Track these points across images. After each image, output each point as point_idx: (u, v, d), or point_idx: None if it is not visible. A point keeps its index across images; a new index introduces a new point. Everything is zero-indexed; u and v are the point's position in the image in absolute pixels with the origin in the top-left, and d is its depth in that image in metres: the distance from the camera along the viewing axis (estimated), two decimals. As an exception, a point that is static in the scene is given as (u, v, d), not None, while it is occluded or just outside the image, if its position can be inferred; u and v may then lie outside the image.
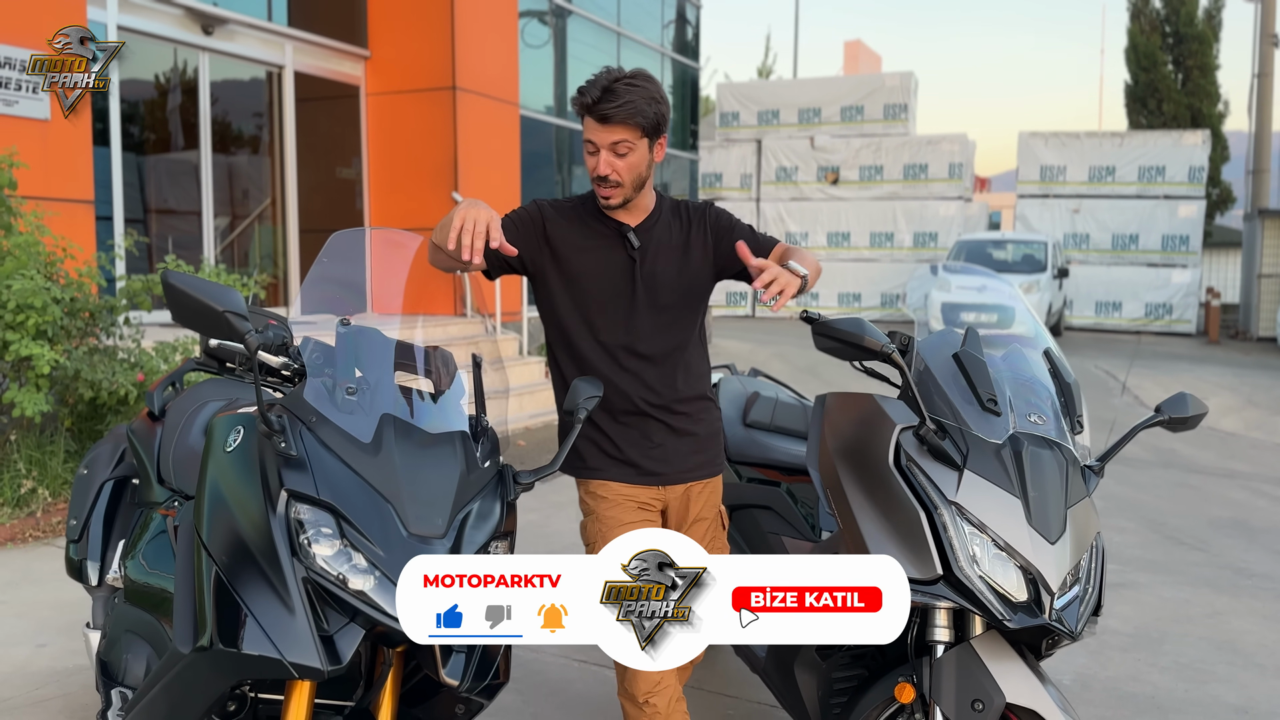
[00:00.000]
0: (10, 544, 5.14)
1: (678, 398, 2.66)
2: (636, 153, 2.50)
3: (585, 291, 2.60)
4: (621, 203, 2.56)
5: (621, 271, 2.59)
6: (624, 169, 2.50)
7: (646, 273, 2.60)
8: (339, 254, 2.48)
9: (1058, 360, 2.68)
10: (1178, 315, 19.50)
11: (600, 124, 2.46)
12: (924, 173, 20.70)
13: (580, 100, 2.47)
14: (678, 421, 2.66)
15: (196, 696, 1.97)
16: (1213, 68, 24.28)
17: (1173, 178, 19.57)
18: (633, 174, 2.52)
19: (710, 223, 2.69)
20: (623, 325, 2.60)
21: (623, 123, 2.44)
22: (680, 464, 2.68)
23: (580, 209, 2.65)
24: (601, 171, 2.49)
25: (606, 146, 2.47)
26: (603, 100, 2.43)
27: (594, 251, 2.60)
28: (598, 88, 2.44)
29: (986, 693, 2.32)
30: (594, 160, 2.50)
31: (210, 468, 2.11)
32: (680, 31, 15.35)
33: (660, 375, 2.63)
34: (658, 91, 2.51)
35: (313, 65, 9.89)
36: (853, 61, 30.66)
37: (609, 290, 2.60)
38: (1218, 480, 7.68)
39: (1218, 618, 4.60)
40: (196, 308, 1.93)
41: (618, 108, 2.42)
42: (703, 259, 2.66)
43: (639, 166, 2.52)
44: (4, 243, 5.28)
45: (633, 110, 2.44)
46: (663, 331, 2.63)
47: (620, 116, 2.43)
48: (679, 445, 2.67)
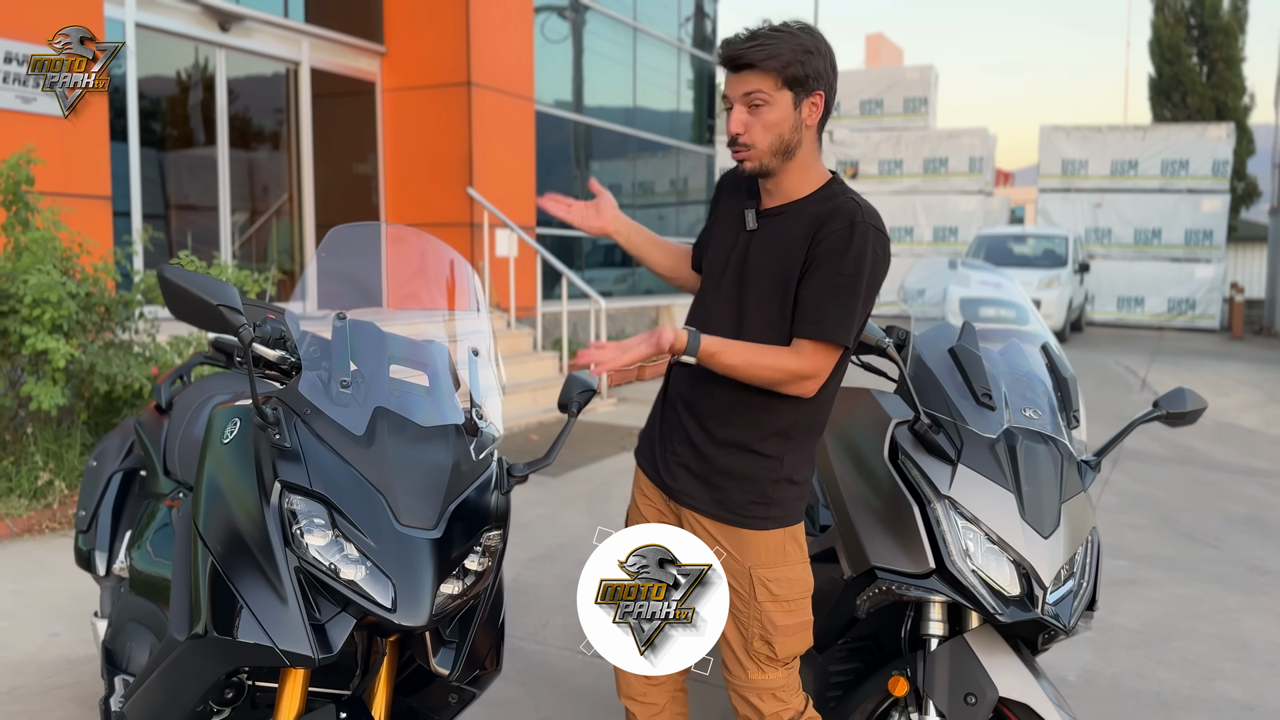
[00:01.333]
0: (27, 535, 5.21)
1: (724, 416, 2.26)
2: (775, 108, 2.13)
3: (707, 260, 2.38)
4: (758, 169, 2.19)
5: (728, 250, 2.30)
6: (758, 129, 2.14)
7: (747, 261, 2.25)
8: (337, 249, 2.50)
9: (1055, 355, 2.68)
10: (1201, 311, 19.34)
11: (734, 72, 2.15)
12: (944, 167, 20.63)
13: (718, 52, 2.18)
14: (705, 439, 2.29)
15: (192, 683, 2.00)
16: (1238, 60, 24.02)
17: (1196, 171, 19.40)
18: (770, 135, 2.15)
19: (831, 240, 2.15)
20: (707, 304, 2.33)
21: (757, 68, 2.10)
22: (683, 484, 2.33)
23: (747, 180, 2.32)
24: (732, 130, 2.17)
25: (739, 99, 2.15)
26: (728, 45, 2.14)
27: (726, 220, 2.35)
28: (736, 39, 2.15)
29: (979, 686, 2.33)
30: (728, 118, 2.19)
31: (208, 459, 2.14)
32: (698, 26, 15.32)
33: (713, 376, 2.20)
34: (816, 45, 2.13)
35: (329, 61, 9.95)
36: (874, 55, 30.53)
37: (714, 266, 2.33)
38: (1235, 477, 7.61)
39: (1228, 615, 4.57)
40: (191, 302, 1.96)
41: (753, 48, 2.10)
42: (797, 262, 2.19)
43: (779, 126, 2.14)
44: (21, 238, 5.35)
45: (770, 54, 2.09)
46: (737, 323, 2.24)
47: (753, 60, 2.10)
48: (692, 464, 2.31)
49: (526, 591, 4.58)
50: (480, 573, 2.08)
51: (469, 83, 9.95)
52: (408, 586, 1.90)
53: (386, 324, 2.34)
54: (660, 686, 2.48)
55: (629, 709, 2.51)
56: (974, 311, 2.95)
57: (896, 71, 22.26)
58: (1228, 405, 10.68)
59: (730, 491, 2.26)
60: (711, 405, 2.27)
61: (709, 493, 2.29)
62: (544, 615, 4.25)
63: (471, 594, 2.07)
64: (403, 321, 2.47)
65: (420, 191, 10.27)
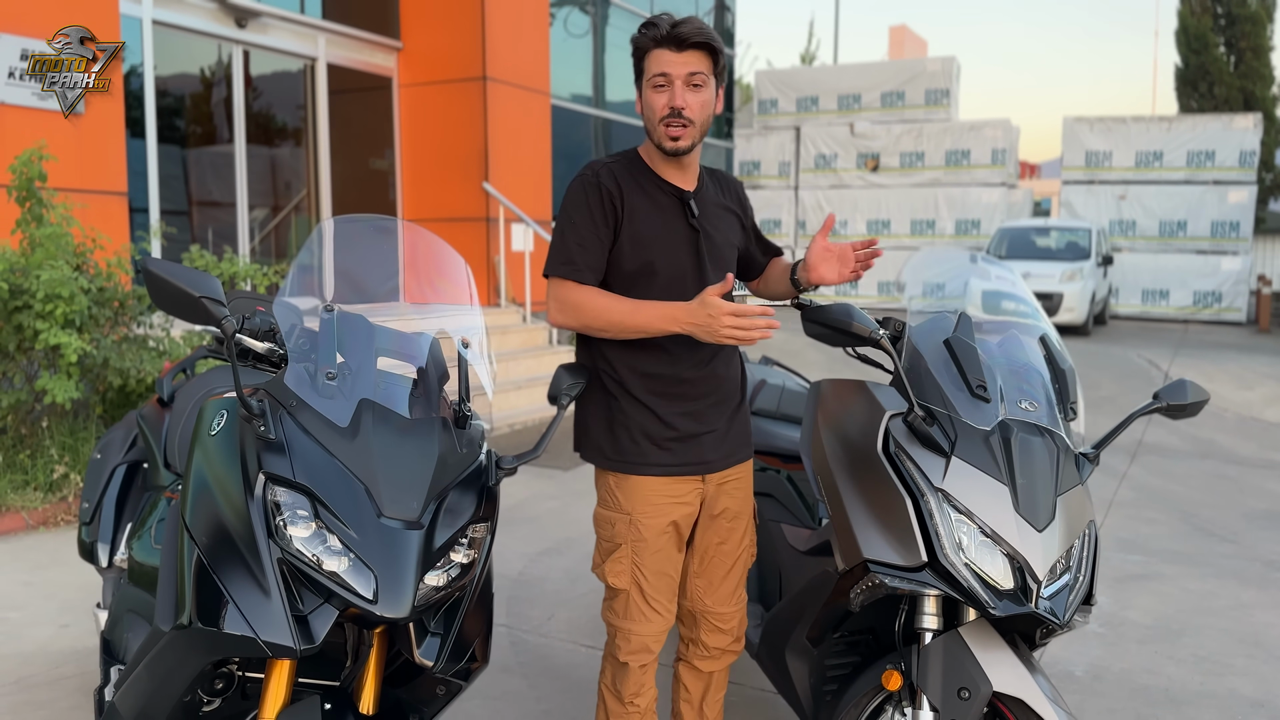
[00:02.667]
0: (42, 527, 5.27)
1: (728, 374, 2.56)
2: (708, 90, 2.35)
3: (648, 263, 2.41)
4: (689, 146, 2.37)
5: (686, 245, 2.45)
6: (697, 105, 2.34)
7: (708, 244, 2.47)
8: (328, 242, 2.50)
9: (1054, 346, 2.64)
10: (1227, 303, 19.07)
11: (676, 50, 2.30)
12: (966, 159, 20.44)
13: (648, 33, 2.32)
14: (725, 400, 2.55)
15: (177, 674, 2.01)
16: (1266, 49, 23.66)
17: (1223, 162, 19.12)
18: (703, 114, 2.37)
19: (740, 193, 2.66)
20: (685, 288, 2.42)
21: (700, 48, 2.30)
22: (724, 448, 2.55)
23: (633, 170, 2.45)
24: (676, 103, 2.31)
25: (682, 78, 2.31)
26: (679, 25, 2.30)
27: (653, 218, 2.42)
28: (666, 20, 2.31)
29: (973, 681, 2.30)
30: (664, 95, 2.33)
31: (195, 451, 2.15)
32: (719, 19, 15.27)
33: (720, 351, 2.51)
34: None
35: (345, 57, 9.99)
36: (898, 47, 30.31)
37: (673, 260, 2.43)
38: (1257, 471, 7.51)
39: (1242, 610, 4.51)
40: (174, 294, 1.96)
41: (696, 29, 2.29)
42: (739, 227, 2.61)
43: (709, 107, 2.38)
44: (36, 234, 5.40)
45: (711, 34, 2.31)
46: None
47: (698, 39, 2.29)
48: (726, 424, 2.55)
49: (533, 584, 4.58)
50: (466, 565, 2.08)
51: (484, 77, 9.96)
52: (389, 578, 1.90)
53: (376, 316, 2.34)
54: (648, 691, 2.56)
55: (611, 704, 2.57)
56: (996, 304, 2.92)
57: (918, 63, 22.03)
58: (1252, 399, 10.54)
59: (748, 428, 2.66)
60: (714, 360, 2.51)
61: (740, 439, 2.62)
62: (549, 608, 4.25)
63: (457, 586, 2.07)
64: (392, 314, 2.47)
65: (436, 186, 10.30)
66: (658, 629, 2.49)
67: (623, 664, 2.51)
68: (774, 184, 21.51)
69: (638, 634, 2.48)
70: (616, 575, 2.47)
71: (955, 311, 2.62)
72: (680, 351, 2.43)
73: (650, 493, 2.45)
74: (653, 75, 2.33)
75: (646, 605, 2.47)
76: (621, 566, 2.47)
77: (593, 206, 2.38)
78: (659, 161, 2.45)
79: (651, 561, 2.45)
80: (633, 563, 2.45)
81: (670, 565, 2.49)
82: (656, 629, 2.49)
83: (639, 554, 2.45)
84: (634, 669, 2.50)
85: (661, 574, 2.48)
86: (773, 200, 21.45)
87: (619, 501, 2.48)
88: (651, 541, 2.45)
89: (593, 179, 2.40)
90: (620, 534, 2.48)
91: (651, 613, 2.47)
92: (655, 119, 2.36)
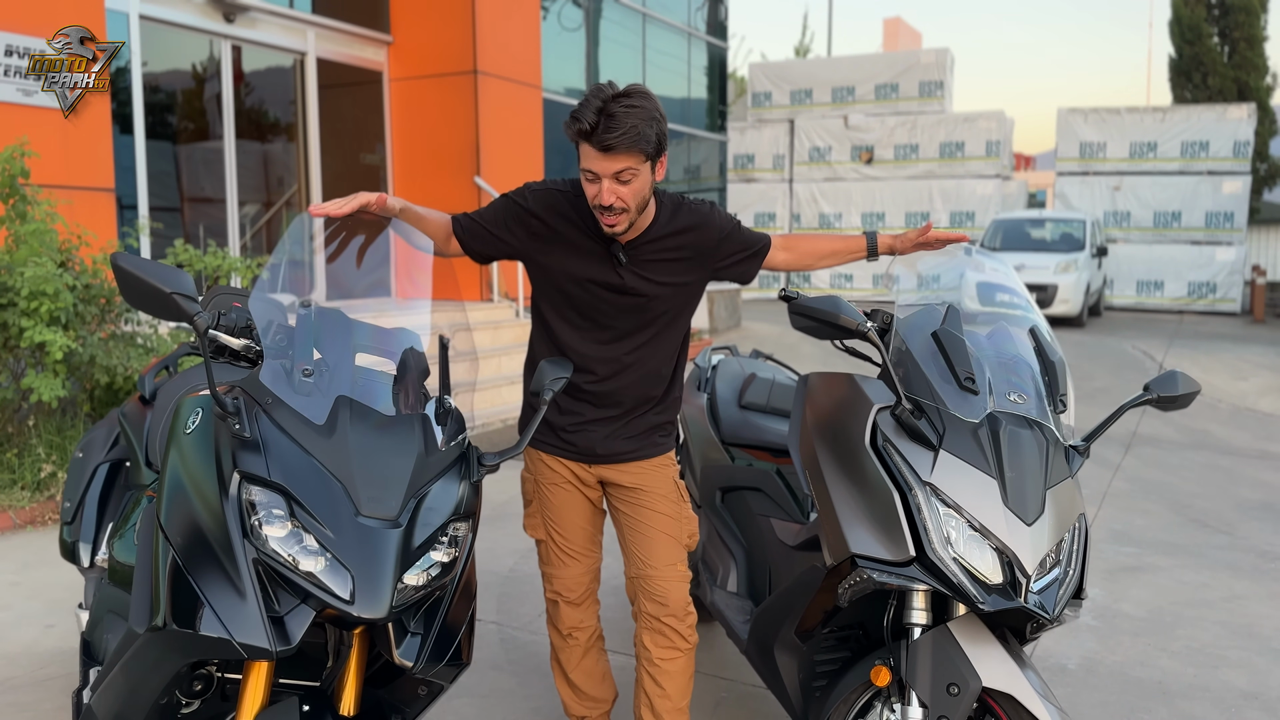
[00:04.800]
0: (30, 526, 5.23)
1: (635, 395, 2.71)
2: (640, 178, 2.40)
3: (564, 289, 2.62)
4: (626, 228, 2.48)
5: (604, 281, 2.59)
6: (629, 195, 2.40)
7: (633, 281, 2.58)
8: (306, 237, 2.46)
9: (1043, 338, 2.61)
10: (1222, 294, 19.08)
11: (602, 153, 2.34)
12: (960, 151, 20.42)
13: (575, 126, 2.34)
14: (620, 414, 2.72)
15: (152, 676, 1.98)
16: (1260, 39, 23.60)
17: (1217, 153, 19.12)
18: (638, 199, 2.43)
19: (707, 229, 2.66)
20: (597, 324, 2.64)
21: (626, 151, 2.33)
22: (613, 448, 2.74)
23: (573, 205, 2.57)
24: (605, 201, 2.39)
25: (609, 176, 2.37)
26: (601, 128, 2.30)
27: (577, 254, 2.59)
28: (592, 111, 2.31)
29: (962, 676, 2.27)
30: (595, 188, 2.40)
31: (171, 449, 2.11)
32: (711, 12, 15.21)
33: (626, 375, 2.68)
34: (656, 109, 2.38)
35: (335, 51, 9.93)
36: (892, 39, 30.21)
37: (588, 295, 2.61)
38: (1251, 462, 7.50)
39: (1236, 602, 4.49)
40: (145, 290, 1.92)
41: (620, 136, 2.30)
42: (694, 268, 2.67)
43: (643, 190, 2.43)
44: (20, 231, 5.35)
45: (636, 137, 2.31)
46: (640, 334, 2.66)
47: (623, 145, 2.31)
48: (614, 433, 2.73)
49: (523, 581, 4.55)
50: (447, 563, 2.05)
51: (475, 71, 9.91)
52: (366, 578, 1.87)
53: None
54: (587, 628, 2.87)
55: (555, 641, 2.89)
56: (991, 297, 2.89)
57: (912, 55, 21.97)
58: (1246, 389, 10.53)
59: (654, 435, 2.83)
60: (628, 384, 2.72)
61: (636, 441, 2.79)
62: (539, 605, 4.22)
63: (438, 585, 2.04)
64: (371, 310, 2.43)
65: (428, 181, 10.25)
66: (574, 573, 2.81)
67: (552, 601, 2.85)
68: (768, 177, 21.47)
69: (558, 577, 2.81)
70: (533, 528, 2.85)
71: (943, 304, 2.59)
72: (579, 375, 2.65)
73: (546, 464, 2.79)
74: (583, 167, 2.41)
75: (561, 552, 2.80)
76: (535, 520, 2.84)
77: (502, 212, 2.63)
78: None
79: (556, 515, 2.79)
80: (543, 517, 2.81)
81: (579, 518, 2.80)
82: (573, 573, 2.81)
83: (546, 509, 2.81)
84: (563, 605, 2.82)
85: (572, 525, 2.79)
86: (767, 194, 21.42)
87: (529, 465, 2.84)
88: (552, 498, 2.78)
89: (519, 198, 2.62)
90: (529, 492, 2.85)
91: (567, 558, 2.80)
92: (590, 204, 2.47)
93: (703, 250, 2.65)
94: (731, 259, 2.72)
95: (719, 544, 3.51)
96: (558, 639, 2.88)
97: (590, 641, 2.87)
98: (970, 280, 2.89)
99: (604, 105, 2.31)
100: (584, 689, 2.89)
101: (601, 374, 2.67)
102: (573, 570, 2.81)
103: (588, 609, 2.87)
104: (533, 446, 2.78)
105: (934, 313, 2.57)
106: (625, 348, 2.66)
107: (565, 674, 2.90)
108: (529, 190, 2.62)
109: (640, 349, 2.67)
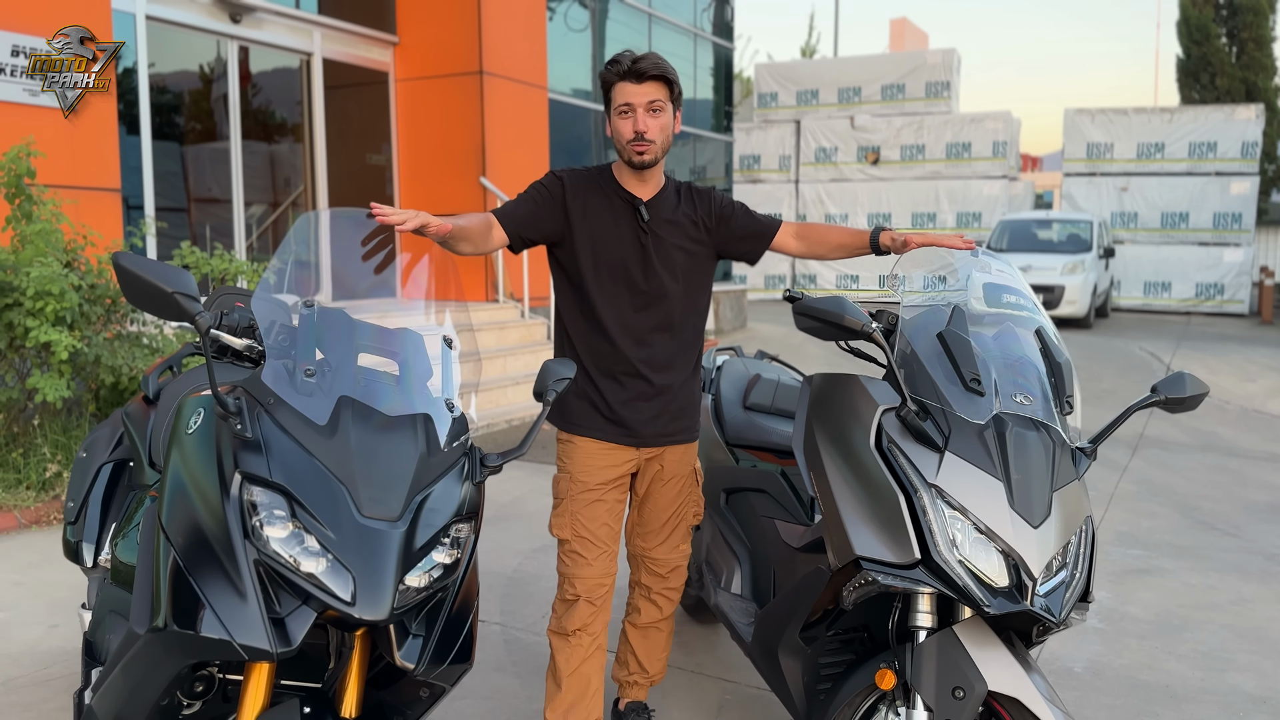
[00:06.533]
0: (35, 526, 5.24)
1: (671, 364, 2.90)
2: (666, 114, 2.75)
3: (598, 255, 2.81)
4: (653, 161, 2.76)
5: (633, 241, 2.82)
6: (657, 128, 2.74)
7: (654, 243, 2.83)
8: (309, 236, 2.45)
9: (1050, 339, 2.59)
10: (1230, 295, 19.01)
11: (636, 82, 2.70)
12: (967, 151, 20.36)
13: (613, 69, 2.72)
14: (665, 386, 2.89)
15: (153, 677, 1.97)
16: (1268, 40, 23.55)
17: (1225, 154, 19.04)
18: (664, 135, 2.76)
19: (714, 204, 2.95)
20: (631, 287, 2.82)
21: (657, 79, 2.71)
22: (660, 428, 2.90)
23: (598, 178, 2.86)
24: (639, 128, 2.72)
25: (643, 105, 2.71)
26: (638, 61, 2.70)
27: (606, 217, 2.82)
28: (627, 59, 2.71)
29: (968, 680, 2.25)
30: (628, 121, 2.73)
31: (173, 449, 2.11)
32: (718, 13, 15.19)
33: (660, 339, 2.87)
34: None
35: (342, 52, 9.93)
36: (899, 39, 30.16)
37: (619, 255, 2.81)
38: (1259, 464, 7.47)
39: (1244, 605, 4.46)
40: (146, 289, 1.91)
41: (653, 64, 2.70)
42: (705, 238, 2.92)
43: (669, 129, 2.78)
44: (26, 231, 5.36)
45: (665, 67, 2.72)
46: (666, 298, 2.85)
47: (655, 72, 2.70)
48: (662, 409, 2.89)
49: (528, 582, 4.54)
50: (449, 565, 2.03)
51: (481, 72, 9.91)
52: (368, 579, 1.86)
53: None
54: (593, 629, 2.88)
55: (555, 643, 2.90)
56: (997, 297, 2.87)
57: (918, 55, 21.92)
58: (1254, 391, 10.49)
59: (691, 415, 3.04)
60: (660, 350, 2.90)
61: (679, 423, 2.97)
62: (543, 606, 4.21)
63: (439, 586, 2.02)
64: (374, 310, 2.43)
65: (434, 181, 10.25)
66: (598, 573, 2.85)
67: (570, 601, 2.87)
68: (774, 178, 21.44)
69: (581, 578, 2.85)
70: (560, 528, 2.89)
71: (949, 305, 2.57)
72: (623, 344, 2.83)
73: (587, 453, 2.86)
74: (619, 105, 2.75)
75: (585, 553, 2.85)
76: (564, 520, 2.88)
77: (537, 194, 2.84)
78: (625, 175, 2.86)
79: (586, 513, 2.85)
80: (571, 515, 2.86)
81: (608, 517, 2.87)
82: (596, 572, 2.85)
83: (576, 506, 2.85)
84: (581, 604, 2.85)
85: (601, 524, 2.86)
86: (773, 194, 21.39)
87: (564, 462, 2.90)
88: (586, 496, 2.84)
89: (550, 178, 2.86)
90: (562, 490, 2.89)
91: (592, 557, 2.85)
92: (623, 141, 2.76)
93: (712, 215, 2.93)
94: (740, 233, 2.96)
95: (723, 546, 3.50)
96: (560, 642, 2.89)
97: (595, 645, 2.88)
98: (976, 281, 2.87)
99: (635, 56, 2.72)
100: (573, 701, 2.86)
101: (645, 340, 2.85)
102: (595, 570, 2.87)
103: (602, 610, 2.90)
104: (578, 434, 2.89)
105: (939, 313, 2.55)
106: (658, 314, 2.85)
107: (558, 681, 2.88)
108: (557, 171, 2.90)
109: (672, 314, 2.87)
